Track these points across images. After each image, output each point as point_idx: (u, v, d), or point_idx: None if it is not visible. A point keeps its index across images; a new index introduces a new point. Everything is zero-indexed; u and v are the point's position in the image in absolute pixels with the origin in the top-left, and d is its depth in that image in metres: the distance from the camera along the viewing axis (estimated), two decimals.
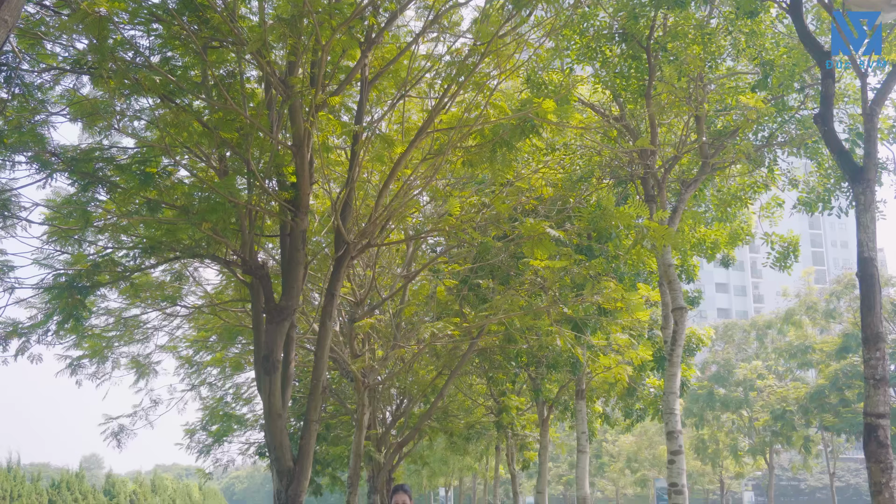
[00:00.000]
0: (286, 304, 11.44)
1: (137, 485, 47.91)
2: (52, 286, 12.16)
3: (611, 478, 71.27)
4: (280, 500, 11.26)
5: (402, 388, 27.94)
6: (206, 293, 16.90)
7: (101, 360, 16.87)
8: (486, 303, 17.81)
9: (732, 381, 45.93)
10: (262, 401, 11.53)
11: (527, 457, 34.75)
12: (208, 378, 23.19)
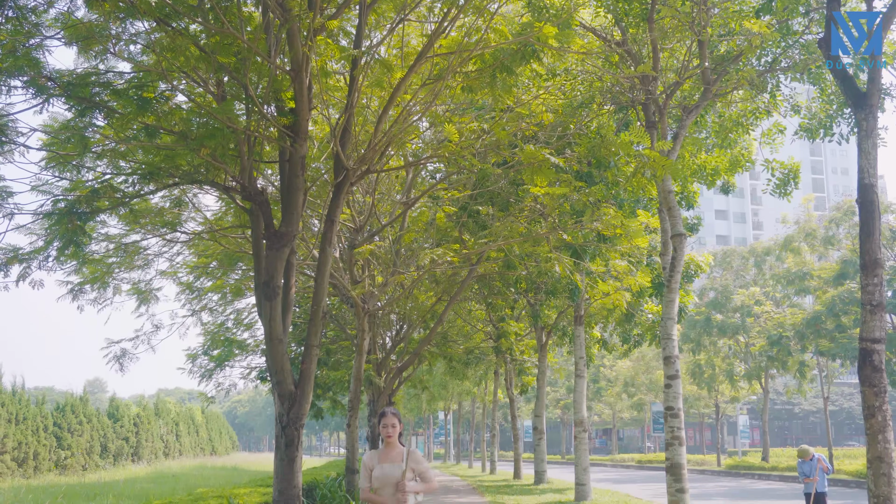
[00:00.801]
0: (286, 230, 11.44)
1: (141, 408, 48.58)
2: (51, 212, 12.13)
3: (608, 402, 72.31)
4: (282, 423, 11.42)
5: (401, 314, 28.15)
6: (206, 219, 16.88)
7: (101, 286, 16.92)
8: (486, 229, 17.84)
9: (730, 307, 46.21)
10: (263, 326, 11.62)
11: (525, 381, 35.20)
12: (209, 304, 23.30)
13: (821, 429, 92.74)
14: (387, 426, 7.09)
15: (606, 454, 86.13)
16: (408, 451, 7.06)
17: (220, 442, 67.01)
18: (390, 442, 7.12)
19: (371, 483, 6.99)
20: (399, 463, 6.98)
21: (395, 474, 6.91)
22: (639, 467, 57.05)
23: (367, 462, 7.10)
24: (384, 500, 6.91)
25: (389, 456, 7.06)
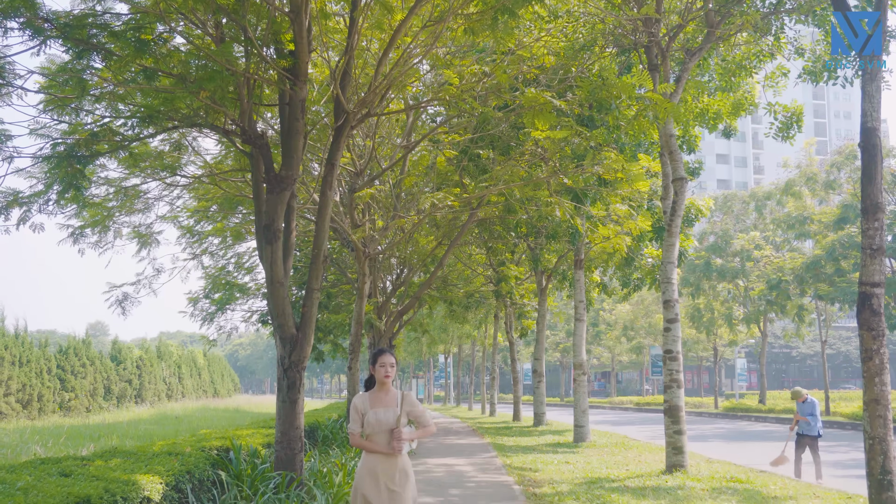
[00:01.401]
0: (286, 173, 11.41)
1: (143, 351, 48.91)
2: (50, 155, 12.08)
3: (607, 345, 72.81)
4: (283, 365, 11.51)
5: (402, 258, 28.21)
6: (206, 163, 16.82)
7: (102, 230, 16.93)
8: (486, 173, 17.80)
9: (730, 251, 46.29)
10: (264, 269, 11.65)
11: (525, 325, 35.41)
12: (210, 247, 23.35)
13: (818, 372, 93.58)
14: (385, 365, 6.56)
15: (605, 397, 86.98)
16: (402, 394, 6.57)
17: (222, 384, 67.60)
18: (385, 385, 6.59)
19: (363, 428, 6.49)
20: (394, 407, 6.47)
21: (389, 420, 6.41)
22: (637, 410, 57.66)
23: (357, 405, 6.58)
24: (377, 446, 6.40)
25: (383, 400, 6.54)
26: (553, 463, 16.84)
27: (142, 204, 17.60)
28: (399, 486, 6.35)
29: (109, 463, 8.90)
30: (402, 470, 6.41)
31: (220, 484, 10.41)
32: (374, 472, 6.37)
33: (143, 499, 7.88)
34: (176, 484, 8.95)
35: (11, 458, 14.31)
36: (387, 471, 6.36)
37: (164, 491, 8.44)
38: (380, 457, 6.39)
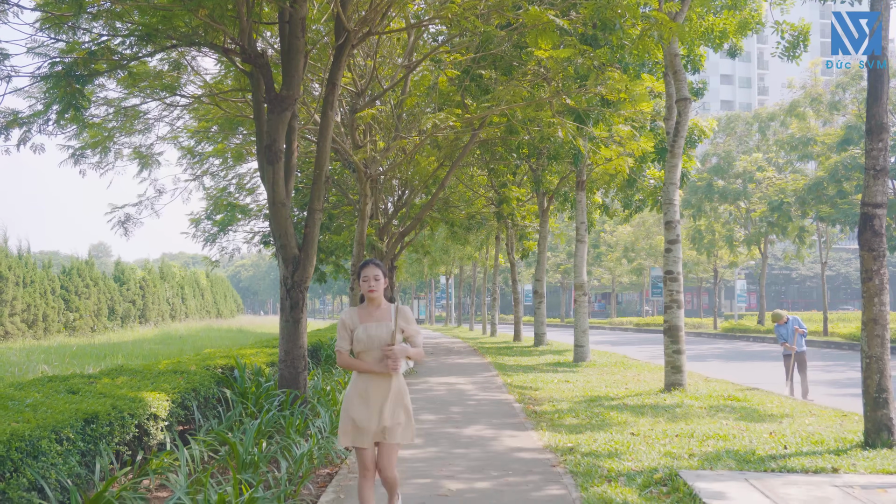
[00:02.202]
0: (287, 93, 11.32)
1: (146, 272, 49.14)
2: (48, 75, 11.97)
3: (608, 267, 73.05)
4: (286, 285, 11.59)
5: (403, 179, 28.15)
6: (206, 83, 16.68)
7: (103, 151, 16.90)
8: (489, 93, 17.63)
9: (732, 173, 46.12)
10: (266, 190, 11.64)
11: (526, 246, 35.47)
12: (211, 168, 23.31)
13: (817, 293, 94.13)
14: (368, 279, 5.75)
15: (605, 318, 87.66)
16: (396, 307, 5.80)
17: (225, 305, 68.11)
18: (374, 298, 5.81)
19: (353, 346, 5.77)
20: (387, 322, 5.74)
21: (382, 335, 5.68)
22: (636, 330, 58.16)
23: (346, 321, 5.82)
24: (369, 366, 5.69)
25: (374, 315, 5.80)
26: (553, 382, 17.05)
27: (142, 124, 17.53)
28: (393, 409, 5.72)
29: (116, 381, 9.03)
30: (398, 391, 5.77)
31: (225, 401, 10.58)
32: (365, 394, 5.70)
33: (150, 415, 8.02)
34: (182, 401, 9.10)
35: (19, 376, 14.50)
36: (379, 392, 5.71)
37: (171, 408, 8.58)
38: (372, 377, 5.72)
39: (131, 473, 7.35)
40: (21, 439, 5.71)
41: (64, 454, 6.23)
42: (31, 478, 5.70)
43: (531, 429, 10.98)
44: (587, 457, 8.68)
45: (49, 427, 6.17)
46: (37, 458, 5.84)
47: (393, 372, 5.68)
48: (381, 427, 5.68)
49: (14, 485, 5.49)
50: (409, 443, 5.89)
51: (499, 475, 8.01)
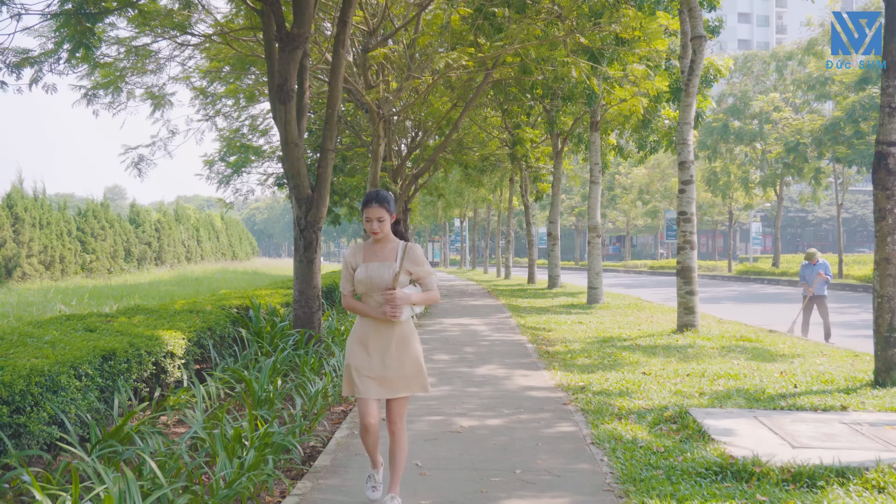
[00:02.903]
0: (298, 31, 11.23)
1: (161, 214, 49.28)
2: (58, 13, 11.90)
3: (622, 209, 72.81)
4: (300, 226, 11.62)
5: (416, 121, 28.01)
6: (217, 22, 16.55)
7: (115, 91, 16.88)
8: (502, 32, 17.43)
9: (748, 113, 45.63)
10: (278, 130, 11.62)
11: (540, 188, 35.36)
12: (223, 109, 23.25)
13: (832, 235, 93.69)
14: (370, 220, 5.10)
15: (619, 261, 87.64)
16: (405, 246, 5.18)
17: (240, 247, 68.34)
18: (379, 237, 5.19)
19: (354, 286, 5.20)
20: (391, 262, 5.12)
21: (384, 277, 5.05)
22: (651, 273, 58.18)
23: (348, 259, 5.26)
24: (368, 310, 5.11)
25: (379, 253, 5.18)
26: (566, 323, 17.12)
27: (153, 64, 17.47)
28: (397, 359, 5.13)
29: (133, 320, 9.12)
30: (401, 339, 5.15)
31: (240, 341, 10.69)
32: (363, 341, 5.16)
33: (167, 353, 8.11)
34: (198, 340, 9.20)
35: (37, 315, 14.65)
36: (380, 339, 5.13)
37: (187, 346, 8.68)
38: (372, 322, 5.15)
39: (149, 410, 7.47)
40: (41, 374, 5.79)
41: (83, 390, 6.33)
42: (52, 412, 5.79)
43: (543, 368, 11.06)
44: (598, 395, 8.74)
45: (68, 363, 6.26)
46: (56, 392, 5.93)
47: (390, 317, 5.02)
48: (384, 378, 5.11)
49: (35, 418, 5.58)
50: (422, 393, 5.25)
51: (511, 413, 8.09)
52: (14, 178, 75.97)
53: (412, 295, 5.09)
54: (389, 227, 5.21)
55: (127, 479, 4.25)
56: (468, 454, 6.50)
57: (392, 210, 5.18)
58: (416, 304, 5.14)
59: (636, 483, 5.52)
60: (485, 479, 5.77)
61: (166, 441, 5.97)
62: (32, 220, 32.72)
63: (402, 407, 5.20)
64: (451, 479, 5.82)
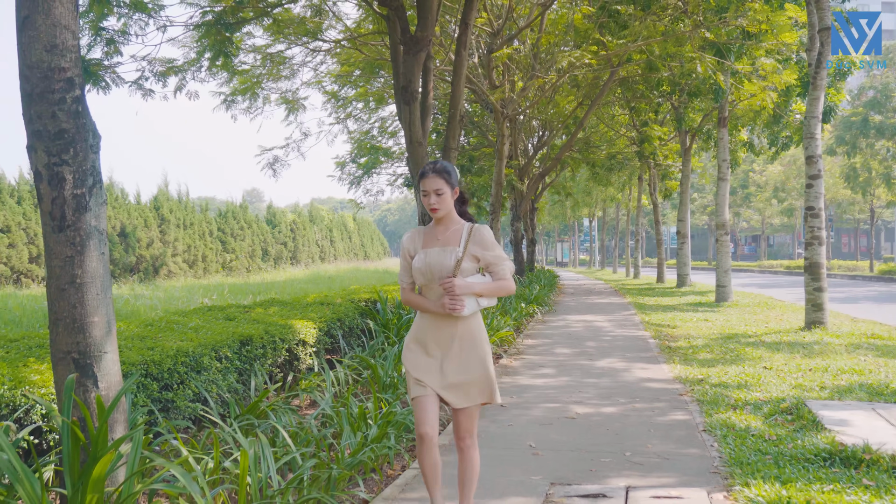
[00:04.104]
0: (421, 34, 11.63)
1: (296, 215, 50.98)
2: (200, 24, 12.70)
3: (757, 207, 70.85)
4: (424, 223, 12.02)
5: (542, 120, 28.19)
6: (346, 27, 17.20)
7: (252, 97, 17.76)
8: (626, 29, 17.45)
9: (890, 107, 43.81)
10: (404, 130, 12.06)
11: (669, 186, 34.94)
12: (353, 111, 24.02)
13: None
14: (427, 193, 4.31)
15: (755, 261, 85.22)
16: (471, 228, 4.32)
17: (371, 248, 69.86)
18: (441, 217, 4.37)
19: (413, 277, 4.43)
20: (454, 246, 4.29)
21: (445, 264, 4.25)
22: (787, 273, 56.40)
23: (406, 246, 4.48)
24: (428, 303, 4.31)
25: (440, 237, 4.37)
26: (691, 321, 17.00)
27: (287, 70, 18.28)
28: (460, 362, 4.29)
29: (268, 311, 9.73)
30: (465, 337, 4.32)
31: (367, 332, 11.16)
32: (422, 341, 4.38)
33: (299, 341, 8.62)
34: (328, 329, 9.71)
35: (182, 307, 15.58)
36: (440, 339, 4.33)
37: (318, 335, 9.18)
38: (432, 318, 4.35)
39: (282, 392, 7.98)
40: (186, 355, 6.35)
41: (223, 371, 6.86)
42: (195, 389, 6.33)
43: (663, 362, 11.12)
44: (716, 387, 8.79)
45: (209, 346, 6.82)
46: (199, 372, 6.47)
47: (448, 311, 4.20)
48: (446, 384, 4.28)
49: (181, 395, 6.12)
50: (491, 403, 4.37)
51: (626, 402, 8.24)
52: (160, 182, 79.96)
53: (475, 284, 4.23)
54: (451, 204, 4.37)
55: (261, 443, 4.68)
56: (581, 438, 6.72)
57: (454, 183, 4.36)
58: (482, 295, 4.27)
59: (742, 466, 5.63)
60: (595, 460, 5.99)
61: (298, 419, 6.42)
62: (177, 221, 34.54)
63: (471, 420, 4.37)
64: (562, 459, 6.05)
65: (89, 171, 4.05)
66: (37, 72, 3.91)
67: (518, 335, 14.63)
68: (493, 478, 5.59)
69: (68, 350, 4.05)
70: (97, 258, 4.09)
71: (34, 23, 3.90)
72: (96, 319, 4.08)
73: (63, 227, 3.99)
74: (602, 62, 18.96)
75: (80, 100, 4.04)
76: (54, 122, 3.94)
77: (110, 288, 4.23)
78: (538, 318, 18.35)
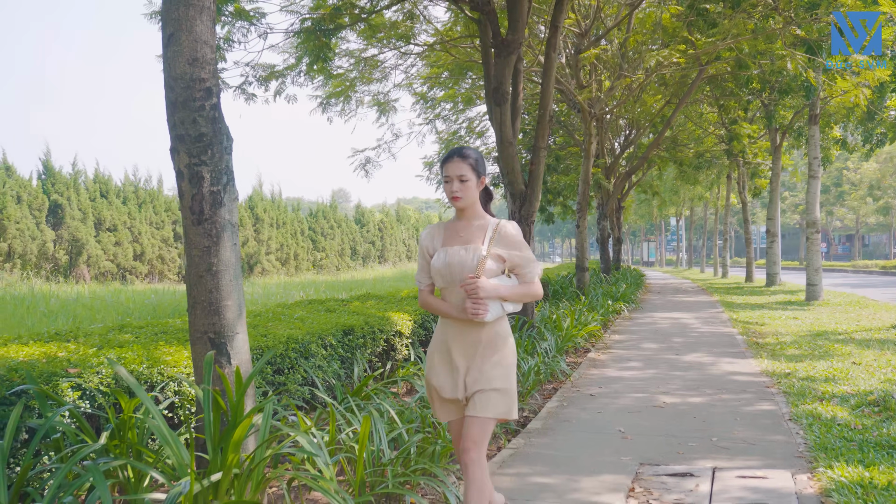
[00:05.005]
0: (512, 37, 11.96)
1: (384, 215, 51.84)
2: (300, 30, 13.28)
3: (851, 206, 69.13)
4: (514, 219, 12.37)
5: (629, 119, 28.22)
6: (437, 31, 17.65)
7: (345, 99, 18.37)
8: (715, 27, 17.49)
9: None
10: (494, 131, 12.41)
11: (758, 184, 34.52)
12: (442, 112, 24.49)
13: None
14: (450, 179, 3.90)
15: (849, 260, 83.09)
16: (496, 224, 3.95)
17: None
18: (463, 209, 3.96)
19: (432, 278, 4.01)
20: (475, 244, 3.88)
21: (466, 264, 3.83)
22: (882, 273, 54.91)
23: (424, 243, 4.05)
24: (450, 308, 3.90)
25: (463, 233, 3.96)
26: (780, 318, 16.96)
27: (379, 73, 18.83)
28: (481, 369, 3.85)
29: (365, 304, 10.24)
30: (490, 344, 3.89)
31: None
32: (445, 348, 3.97)
33: (396, 332, 9.08)
34: (422, 322, 10.15)
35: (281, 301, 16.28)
36: (462, 345, 3.91)
37: (413, 327, 9.63)
38: (454, 325, 3.94)
39: (382, 380, 8.44)
40: (295, 341, 6.84)
41: (328, 358, 7.34)
42: (304, 374, 6.82)
43: (750, 357, 11.25)
44: (803, 381, 8.93)
45: (316, 334, 7.31)
46: (307, 358, 6.96)
47: (471, 316, 3.77)
48: (467, 394, 3.87)
49: (291, 379, 6.61)
50: (507, 418, 3.92)
51: (712, 393, 8.47)
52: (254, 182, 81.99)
53: (501, 286, 3.82)
54: (476, 195, 3.97)
55: (373, 417, 5.12)
56: (668, 425, 7.00)
57: (481, 171, 3.96)
58: (507, 299, 3.86)
59: (827, 451, 5.85)
60: (682, 444, 6.28)
61: (399, 402, 6.86)
62: (270, 221, 35.62)
63: (483, 431, 3.81)
64: (650, 443, 6.36)
65: (224, 170, 4.53)
66: (180, 82, 4.41)
67: (605, 331, 14.88)
68: (586, 457, 5.94)
69: (205, 330, 4.54)
70: (230, 248, 4.57)
71: (178, 39, 4.40)
72: (229, 303, 4.57)
73: (201, 220, 4.48)
74: (690, 60, 19.00)
75: (217, 107, 4.52)
76: (195, 127, 4.43)
77: (241, 276, 4.71)
78: (625, 314, 18.53)
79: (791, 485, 5.20)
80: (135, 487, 4.33)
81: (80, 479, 3.68)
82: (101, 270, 28.25)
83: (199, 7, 4.43)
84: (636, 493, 5.12)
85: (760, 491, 5.09)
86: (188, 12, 4.39)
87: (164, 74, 4.46)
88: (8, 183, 28.01)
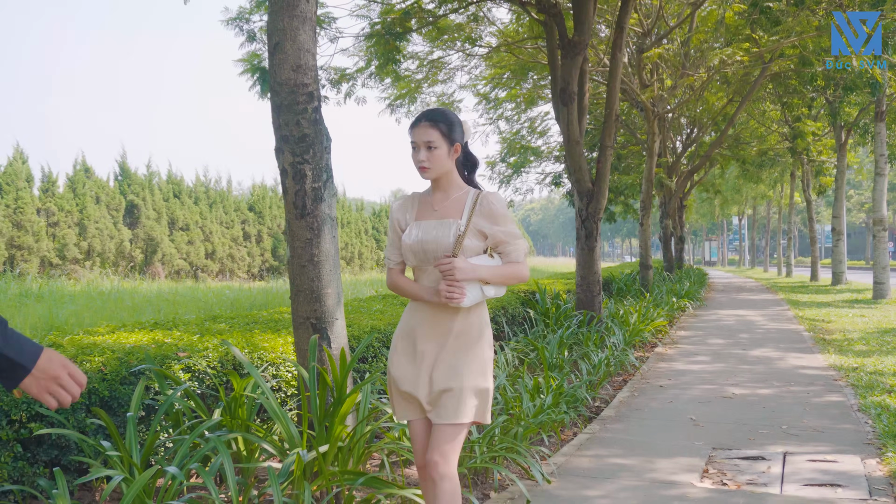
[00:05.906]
0: (578, 38, 12.20)
1: None
2: (370, 34, 13.69)
3: None
4: (581, 216, 12.62)
5: (692, 118, 28.20)
6: (501, 32, 17.95)
7: (411, 101, 18.76)
8: (779, 25, 17.49)
9: None
10: (561, 130, 12.66)
11: (823, 182, 34.15)
12: (504, 112, 24.79)
13: None
14: (417, 147, 3.36)
15: None
16: (476, 195, 3.40)
17: None
18: (439, 180, 3.46)
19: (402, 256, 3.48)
20: (453, 219, 3.38)
21: (442, 240, 3.33)
22: None
23: (396, 216, 3.54)
24: (421, 290, 3.38)
25: (439, 207, 3.46)
26: (847, 316, 16.92)
27: (444, 75, 19.19)
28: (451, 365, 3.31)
29: None
30: (463, 335, 3.35)
31: (528, 320, 11.87)
32: (410, 335, 3.44)
33: None
34: (493, 317, 10.47)
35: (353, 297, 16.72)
36: (434, 335, 3.37)
37: None
38: (423, 310, 3.42)
39: None
40: (377, 331, 7.20)
41: None
42: (385, 363, 7.18)
43: (818, 352, 11.35)
44: (871, 374, 9.05)
45: (395, 324, 7.66)
46: (388, 348, 7.32)
47: (444, 300, 3.25)
48: (434, 392, 3.32)
49: (374, 367, 6.97)
50: (480, 422, 3.38)
51: (780, 385, 8.64)
52: None
53: (481, 267, 3.30)
54: (449, 164, 3.41)
55: None
56: (738, 413, 7.22)
57: (454, 137, 3.39)
58: (489, 281, 3.34)
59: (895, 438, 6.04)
60: (753, 431, 6.50)
61: None
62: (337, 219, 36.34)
63: (448, 437, 3.28)
64: (721, 430, 6.59)
65: (324, 168, 4.89)
66: (285, 87, 4.78)
67: (671, 327, 15.04)
68: (659, 442, 6.20)
69: (307, 316, 4.91)
70: (330, 240, 4.94)
71: (283, 48, 4.77)
72: (329, 291, 4.93)
73: (304, 214, 4.85)
74: (753, 58, 19.01)
75: (318, 110, 4.89)
76: (298, 129, 4.80)
77: (339, 266, 5.07)
78: (689, 312, 18.63)
79: (861, 468, 5.41)
80: (247, 459, 4.72)
81: (201, 450, 4.06)
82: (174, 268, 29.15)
83: (302, 18, 4.80)
84: (710, 473, 5.37)
85: (831, 473, 5.31)
86: (292, 23, 4.77)
87: (270, 80, 4.85)
88: (87, 184, 29.04)
